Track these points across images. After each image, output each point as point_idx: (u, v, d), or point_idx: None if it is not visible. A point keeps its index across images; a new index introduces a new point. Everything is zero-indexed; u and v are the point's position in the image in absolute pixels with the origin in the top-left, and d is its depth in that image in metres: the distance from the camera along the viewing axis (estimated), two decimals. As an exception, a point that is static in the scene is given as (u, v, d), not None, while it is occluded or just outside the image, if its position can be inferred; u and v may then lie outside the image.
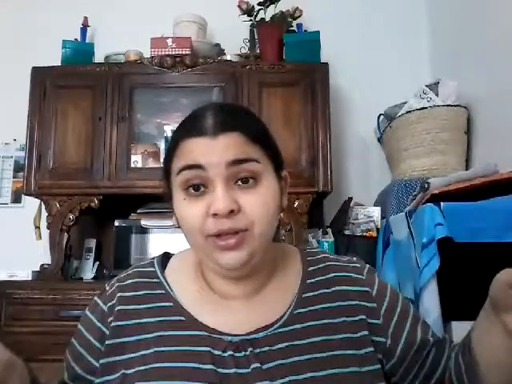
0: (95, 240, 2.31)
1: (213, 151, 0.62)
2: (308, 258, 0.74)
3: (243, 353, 0.63)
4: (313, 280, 0.71)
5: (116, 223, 2.15)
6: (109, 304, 0.69)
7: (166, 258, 0.77)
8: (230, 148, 0.62)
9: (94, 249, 2.27)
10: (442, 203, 1.29)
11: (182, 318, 0.67)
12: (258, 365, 0.62)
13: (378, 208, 2.06)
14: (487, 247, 1.23)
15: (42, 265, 2.08)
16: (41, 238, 2.20)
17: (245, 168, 0.62)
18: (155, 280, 0.72)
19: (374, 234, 1.96)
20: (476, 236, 1.25)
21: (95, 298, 0.72)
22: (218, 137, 0.63)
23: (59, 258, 2.07)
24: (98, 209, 2.12)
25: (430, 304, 1.24)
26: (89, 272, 2.20)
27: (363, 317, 0.68)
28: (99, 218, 2.35)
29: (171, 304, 0.68)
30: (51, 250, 2.08)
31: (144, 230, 2.13)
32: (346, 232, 2.02)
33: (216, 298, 0.69)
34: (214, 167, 0.61)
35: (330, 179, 2.07)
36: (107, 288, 0.72)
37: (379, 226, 1.96)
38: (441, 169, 1.93)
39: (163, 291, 0.70)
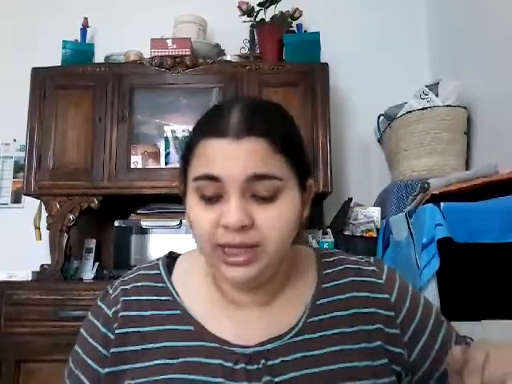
0: (95, 240, 2.31)
1: (232, 160, 0.56)
2: (324, 260, 0.71)
3: (255, 366, 0.60)
4: (328, 285, 0.68)
5: (116, 224, 2.15)
6: (113, 309, 0.66)
7: (171, 258, 0.72)
8: (251, 158, 0.56)
9: (93, 249, 2.27)
10: (441, 203, 1.29)
11: (191, 328, 0.63)
12: (270, 378, 0.59)
13: (378, 208, 2.06)
14: (487, 248, 1.24)
15: (42, 265, 2.08)
16: (41, 238, 2.20)
17: (265, 185, 0.57)
18: (161, 285, 0.68)
19: (374, 234, 1.96)
20: (476, 236, 1.25)
21: (98, 302, 0.69)
22: (242, 140, 0.57)
23: (59, 258, 2.07)
24: (98, 209, 2.12)
25: (430, 304, 1.24)
26: (89, 272, 2.20)
27: (380, 326, 0.65)
28: (99, 219, 2.35)
29: (179, 312, 0.65)
30: (51, 251, 2.08)
31: (144, 231, 2.13)
32: (346, 232, 2.02)
33: (227, 306, 0.66)
34: (232, 179, 0.56)
35: (330, 180, 2.07)
36: (110, 291, 0.69)
37: (379, 227, 1.96)
38: (441, 169, 1.93)
39: (170, 298, 0.66)
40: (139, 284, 0.68)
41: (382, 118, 2.31)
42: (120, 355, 0.63)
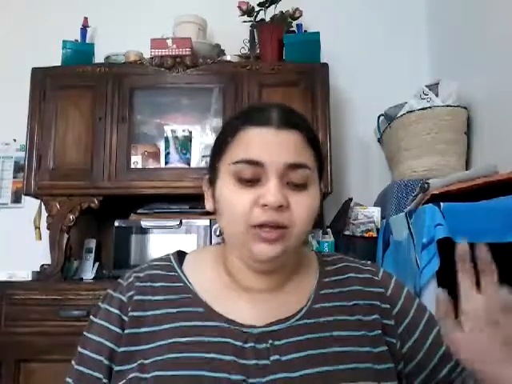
0: (95, 240, 2.31)
1: (274, 147, 0.63)
2: (324, 259, 0.77)
3: (264, 345, 0.64)
4: (330, 279, 0.73)
5: (116, 223, 2.15)
6: (127, 294, 0.69)
7: (181, 255, 0.77)
8: (290, 147, 0.64)
9: (94, 249, 2.27)
10: (441, 203, 1.29)
11: (201, 310, 0.67)
12: (278, 357, 0.63)
13: (378, 208, 2.06)
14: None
15: (42, 265, 2.08)
16: (41, 238, 2.20)
17: (299, 173, 0.64)
18: (173, 273, 0.72)
19: (374, 234, 1.96)
20: (476, 236, 1.24)
21: (110, 292, 0.72)
22: (281, 131, 0.64)
23: (59, 258, 2.07)
24: (98, 209, 2.12)
25: (430, 304, 1.23)
26: (89, 272, 2.20)
27: (377, 317, 0.69)
28: (99, 219, 2.35)
29: (190, 296, 0.69)
30: (51, 251, 2.08)
31: (144, 231, 2.13)
32: (346, 232, 2.02)
33: (236, 291, 0.70)
34: (273, 165, 0.63)
35: (330, 180, 2.07)
36: (122, 281, 0.72)
37: (379, 227, 1.96)
38: (441, 169, 1.93)
39: (181, 284, 0.70)
40: (152, 272, 0.72)
41: (381, 118, 2.31)
42: (133, 336, 0.66)
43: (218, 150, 0.69)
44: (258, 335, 0.64)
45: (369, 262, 0.78)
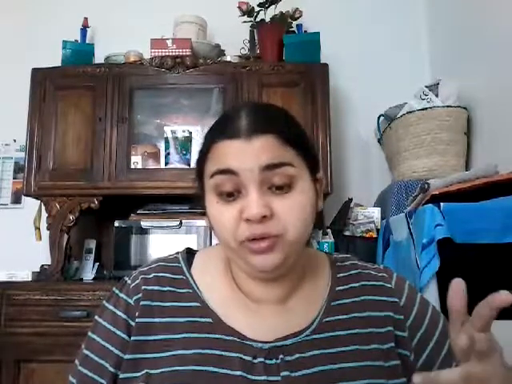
0: (95, 241, 2.31)
1: (246, 155, 0.60)
2: (337, 264, 0.73)
3: (274, 360, 0.61)
4: (342, 288, 0.70)
5: (116, 224, 2.15)
6: (134, 297, 0.67)
7: (189, 254, 0.74)
8: (263, 152, 0.60)
9: (94, 249, 2.27)
10: (441, 204, 1.29)
11: (210, 321, 0.65)
12: (288, 373, 0.60)
13: (378, 209, 2.06)
14: (487, 248, 1.24)
15: (42, 265, 2.08)
16: (41, 238, 2.20)
17: (279, 172, 0.60)
18: (181, 277, 0.69)
19: (374, 234, 1.96)
20: (476, 237, 1.25)
21: (116, 291, 0.69)
22: (252, 139, 0.60)
23: (59, 258, 2.07)
24: (98, 209, 2.12)
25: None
26: (89, 273, 2.20)
27: (391, 328, 0.66)
28: (99, 219, 2.35)
29: (198, 304, 0.66)
30: (51, 251, 2.08)
31: (144, 231, 2.13)
32: (346, 233, 2.02)
33: (245, 301, 0.67)
34: (248, 172, 0.60)
35: (330, 180, 2.07)
36: (129, 281, 0.69)
37: (379, 227, 1.96)
38: (441, 170, 1.94)
39: (190, 290, 0.68)
40: (160, 274, 0.69)
41: (381, 118, 2.31)
42: (139, 344, 0.64)
43: (199, 168, 0.67)
44: (268, 350, 0.62)
45: (382, 267, 0.74)
